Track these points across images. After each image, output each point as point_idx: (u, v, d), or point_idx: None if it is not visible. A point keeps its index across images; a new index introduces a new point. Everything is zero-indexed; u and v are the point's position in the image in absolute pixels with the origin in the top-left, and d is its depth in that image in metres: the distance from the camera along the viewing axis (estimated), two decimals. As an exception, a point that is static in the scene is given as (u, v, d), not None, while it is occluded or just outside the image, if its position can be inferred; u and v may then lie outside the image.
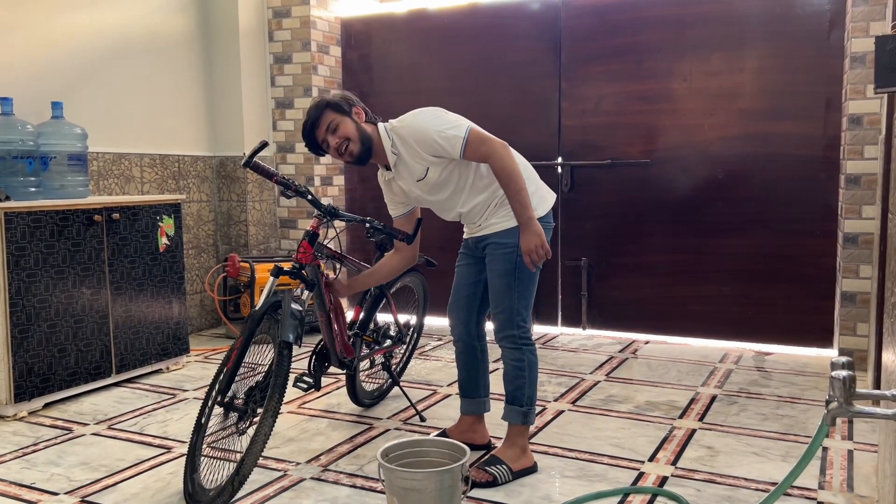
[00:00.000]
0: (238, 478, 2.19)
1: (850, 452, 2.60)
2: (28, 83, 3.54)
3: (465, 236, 2.61)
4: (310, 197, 2.54)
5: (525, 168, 2.44)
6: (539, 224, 2.32)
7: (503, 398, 2.52)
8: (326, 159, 4.89)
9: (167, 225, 3.66)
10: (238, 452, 2.30)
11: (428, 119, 2.37)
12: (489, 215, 2.45)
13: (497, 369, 3.42)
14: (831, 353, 3.93)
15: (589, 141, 4.35)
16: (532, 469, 2.45)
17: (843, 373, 1.31)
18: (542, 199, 2.48)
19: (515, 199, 2.30)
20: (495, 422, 2.74)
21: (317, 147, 2.44)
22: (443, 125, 2.33)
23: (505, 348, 2.46)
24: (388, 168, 2.48)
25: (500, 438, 2.61)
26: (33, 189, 3.23)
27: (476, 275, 2.57)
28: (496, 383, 2.86)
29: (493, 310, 2.46)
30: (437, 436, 2.65)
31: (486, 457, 2.51)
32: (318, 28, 4.78)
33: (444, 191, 2.44)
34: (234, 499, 2.22)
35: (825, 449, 2.63)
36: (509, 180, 2.30)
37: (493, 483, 2.35)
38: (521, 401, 2.45)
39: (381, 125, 2.45)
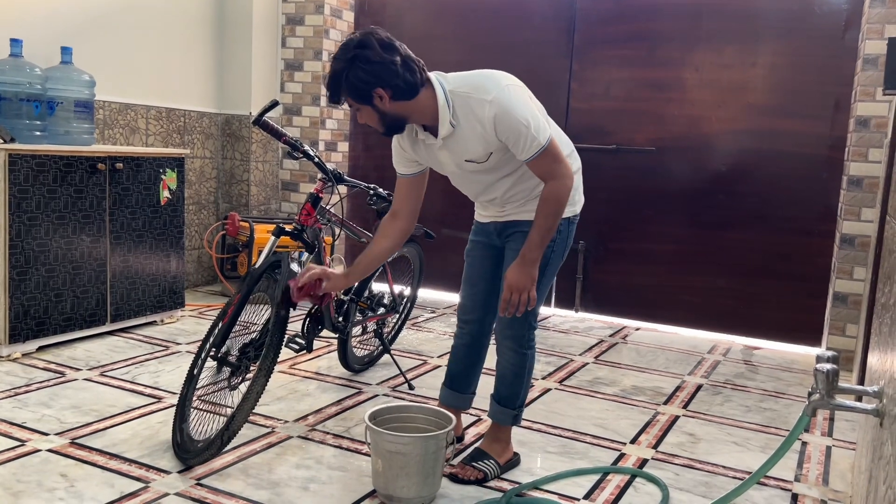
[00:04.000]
0: (228, 433, 2.22)
1: (829, 448, 2.64)
2: (38, 26, 3.53)
3: (481, 220, 2.34)
4: (316, 160, 2.55)
5: (574, 161, 2.23)
6: (535, 272, 2.07)
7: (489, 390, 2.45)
8: (332, 125, 4.89)
9: (170, 178, 3.66)
10: (228, 407, 2.34)
11: (518, 102, 1.99)
12: (527, 201, 2.19)
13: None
14: (819, 352, 3.97)
15: (596, 125, 4.35)
16: (515, 461, 2.35)
17: (827, 366, 1.34)
18: (576, 202, 2.27)
19: (540, 232, 2.03)
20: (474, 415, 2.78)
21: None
22: (532, 119, 1.98)
23: (507, 349, 2.27)
24: (425, 129, 2.08)
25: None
26: (38, 133, 3.23)
27: (494, 268, 2.32)
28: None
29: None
30: None
31: (471, 451, 2.35)
32: (333, -9, 4.75)
33: (491, 175, 2.15)
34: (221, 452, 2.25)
35: (804, 443, 2.68)
36: (551, 213, 2.02)
37: (483, 480, 2.22)
38: (514, 404, 2.31)
39: (439, 90, 2.00)
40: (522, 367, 2.29)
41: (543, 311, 4.53)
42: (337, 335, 2.94)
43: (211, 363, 2.36)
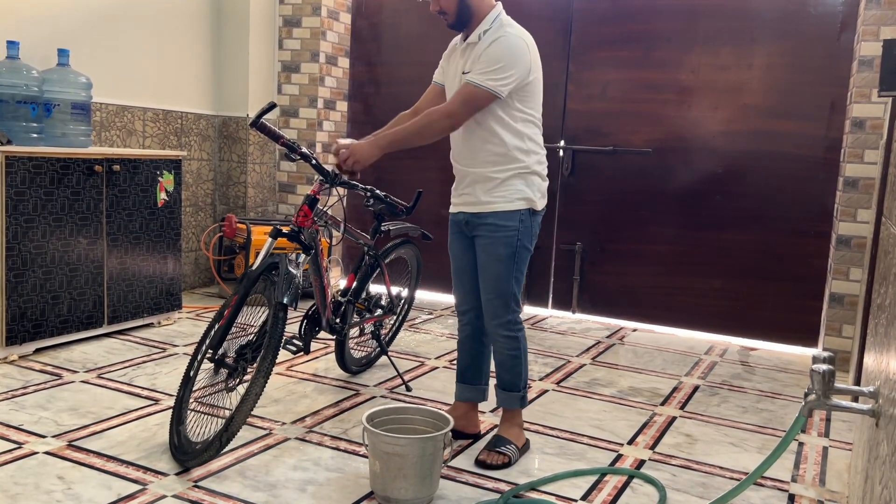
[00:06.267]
0: (226, 434, 2.22)
1: (826, 449, 2.65)
2: (35, 28, 3.52)
3: (452, 211, 2.48)
4: (314, 162, 2.55)
5: (539, 162, 2.40)
6: (374, 154, 2.29)
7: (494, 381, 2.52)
8: (329, 126, 4.89)
9: (167, 181, 3.66)
10: (226, 409, 2.34)
11: (512, 55, 2.27)
12: (490, 190, 2.34)
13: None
14: (815, 352, 3.98)
15: (592, 126, 4.35)
16: (527, 447, 2.47)
17: (824, 366, 1.34)
18: (543, 195, 2.43)
19: (399, 132, 2.30)
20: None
21: None
22: (502, 69, 2.25)
23: (501, 336, 2.40)
24: (465, 39, 2.39)
25: (487, 425, 2.65)
26: (35, 135, 3.23)
27: (475, 258, 2.46)
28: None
29: (489, 295, 2.38)
30: None
31: (491, 439, 2.45)
32: (330, -7, 4.75)
33: None
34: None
35: (801, 444, 2.68)
36: (417, 125, 2.29)
37: (507, 464, 2.33)
38: (518, 386, 2.44)
39: (497, 9, 2.38)
40: (518, 349, 2.42)
41: (540, 312, 4.55)
42: (334, 337, 2.94)
43: (208, 365, 2.35)
